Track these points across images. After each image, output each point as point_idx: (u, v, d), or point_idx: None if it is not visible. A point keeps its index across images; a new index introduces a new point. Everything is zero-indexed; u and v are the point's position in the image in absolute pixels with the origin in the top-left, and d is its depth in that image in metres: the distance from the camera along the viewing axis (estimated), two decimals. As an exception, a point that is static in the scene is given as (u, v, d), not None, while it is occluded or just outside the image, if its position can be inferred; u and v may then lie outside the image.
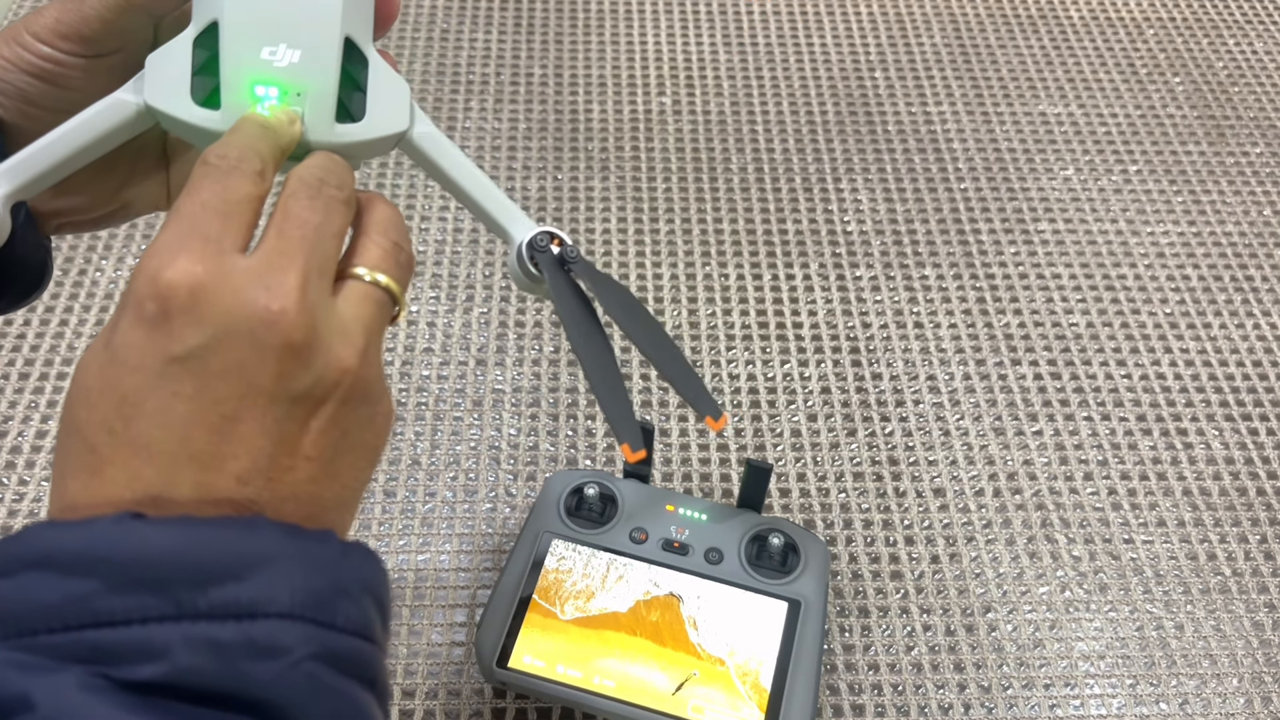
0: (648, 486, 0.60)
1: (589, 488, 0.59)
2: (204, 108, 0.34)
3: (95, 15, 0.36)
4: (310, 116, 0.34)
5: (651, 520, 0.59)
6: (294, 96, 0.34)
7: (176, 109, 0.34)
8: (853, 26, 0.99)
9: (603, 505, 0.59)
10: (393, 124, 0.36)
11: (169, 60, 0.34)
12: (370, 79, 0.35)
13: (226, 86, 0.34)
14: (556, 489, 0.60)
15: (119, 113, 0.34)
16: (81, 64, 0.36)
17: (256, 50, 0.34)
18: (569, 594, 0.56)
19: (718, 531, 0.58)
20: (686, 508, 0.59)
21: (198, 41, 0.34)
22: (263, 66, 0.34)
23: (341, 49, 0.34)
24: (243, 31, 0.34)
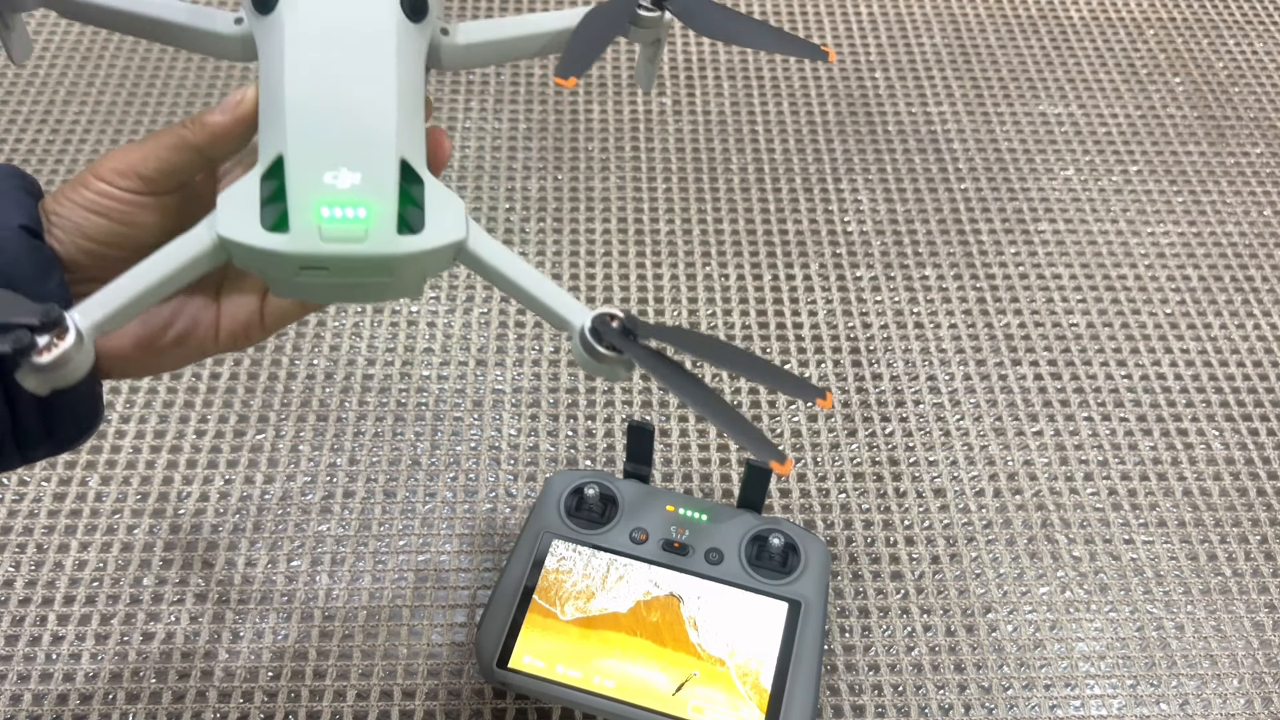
0: (648, 487, 0.60)
1: (589, 488, 0.59)
2: (274, 232, 0.36)
3: (153, 155, 0.38)
4: (374, 230, 0.36)
5: (652, 520, 0.59)
6: (356, 213, 0.36)
7: (248, 237, 0.36)
8: (853, 26, 0.99)
9: (603, 505, 0.59)
10: (451, 234, 0.37)
11: (239, 194, 0.37)
12: (427, 196, 0.37)
13: (294, 209, 0.36)
14: (557, 489, 0.60)
15: (195, 247, 0.36)
16: (139, 201, 0.39)
17: (320, 175, 0.36)
18: (569, 594, 0.56)
19: (718, 532, 0.58)
20: (687, 508, 0.59)
21: (265, 176, 0.37)
22: (326, 190, 0.36)
23: (398, 168, 0.37)
24: (306, 159, 0.36)
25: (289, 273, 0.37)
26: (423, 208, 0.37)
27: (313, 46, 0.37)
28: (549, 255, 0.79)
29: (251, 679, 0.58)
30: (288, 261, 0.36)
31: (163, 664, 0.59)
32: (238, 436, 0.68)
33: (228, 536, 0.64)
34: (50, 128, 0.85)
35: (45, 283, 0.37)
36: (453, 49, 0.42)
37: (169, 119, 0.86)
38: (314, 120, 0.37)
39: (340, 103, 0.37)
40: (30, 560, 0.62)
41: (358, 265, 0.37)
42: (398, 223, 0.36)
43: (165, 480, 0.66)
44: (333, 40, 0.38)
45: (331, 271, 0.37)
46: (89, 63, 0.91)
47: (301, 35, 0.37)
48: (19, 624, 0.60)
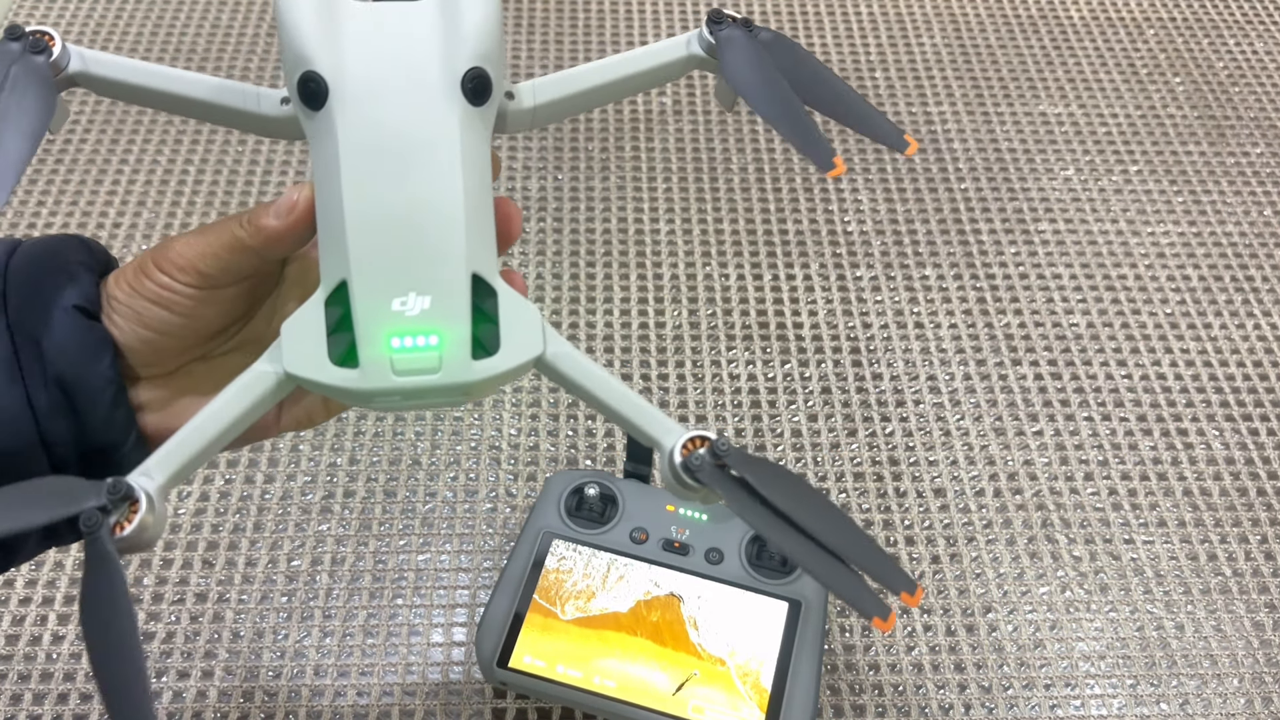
0: (648, 487, 0.60)
1: (589, 487, 0.59)
2: (342, 367, 0.34)
3: (212, 253, 0.37)
4: (448, 358, 0.34)
5: (652, 520, 0.59)
6: (428, 342, 0.34)
7: (316, 373, 0.34)
8: (853, 26, 0.99)
9: (603, 505, 0.59)
10: (528, 351, 0.35)
11: (303, 325, 0.34)
12: (501, 310, 0.35)
13: (363, 342, 0.34)
14: (557, 489, 0.60)
15: (261, 385, 0.35)
16: (195, 294, 0.38)
17: (387, 303, 0.34)
18: (569, 594, 0.56)
19: (718, 531, 0.58)
20: (687, 508, 0.59)
21: (329, 301, 0.35)
22: (395, 319, 0.34)
23: (470, 287, 0.34)
24: (371, 287, 0.34)
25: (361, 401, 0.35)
26: (497, 323, 0.35)
27: (369, 152, 0.34)
28: (549, 255, 0.79)
29: (251, 679, 0.58)
30: (360, 396, 0.34)
31: (163, 664, 0.59)
32: (238, 436, 0.68)
33: (228, 536, 0.64)
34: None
35: (96, 364, 0.37)
36: (519, 114, 0.39)
37: (169, 119, 0.86)
38: (377, 240, 0.34)
39: (404, 218, 0.34)
40: (30, 560, 0.62)
41: (434, 394, 0.35)
42: (472, 344, 0.34)
43: (165, 480, 0.66)
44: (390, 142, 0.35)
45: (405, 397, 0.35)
46: (89, 63, 0.91)
47: (356, 139, 0.34)
48: (19, 624, 0.60)
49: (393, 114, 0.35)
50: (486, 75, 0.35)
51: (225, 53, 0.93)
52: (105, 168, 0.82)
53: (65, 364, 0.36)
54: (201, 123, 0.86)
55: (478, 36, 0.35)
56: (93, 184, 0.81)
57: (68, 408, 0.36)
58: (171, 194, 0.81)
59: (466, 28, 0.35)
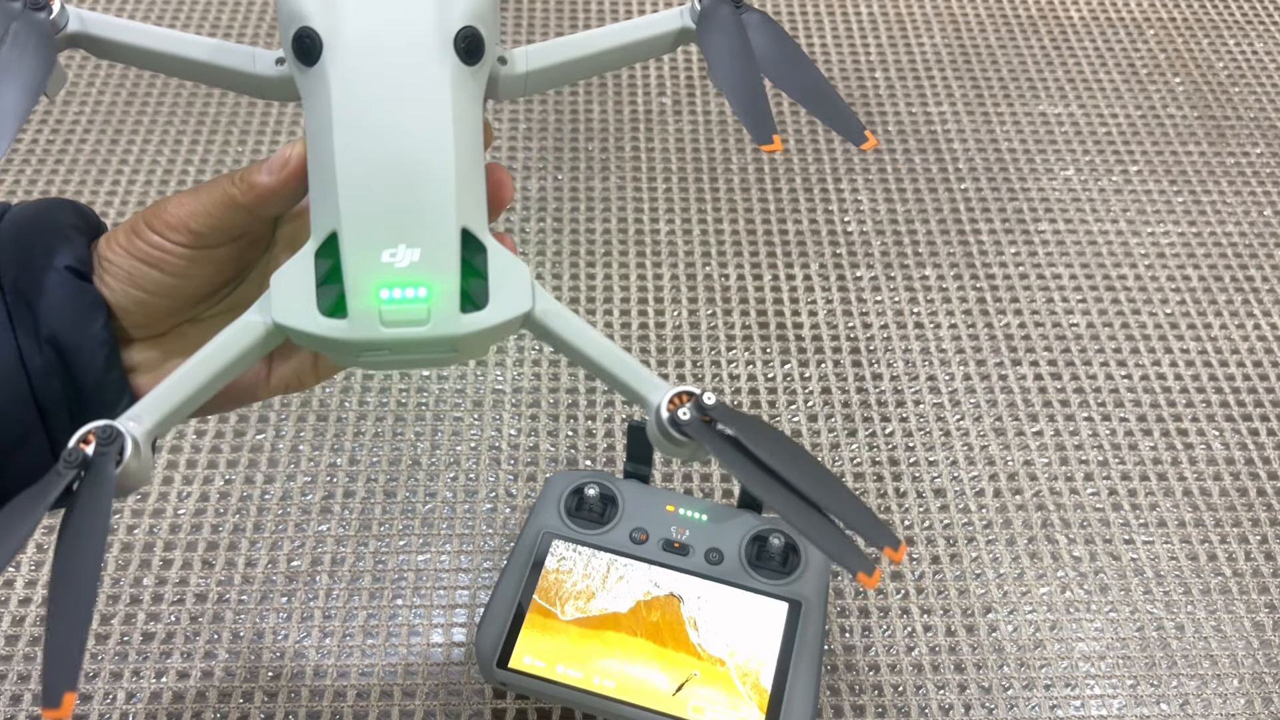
0: (648, 487, 0.60)
1: (589, 488, 0.59)
2: (331, 318, 0.34)
3: (203, 210, 0.37)
4: (436, 311, 0.34)
5: (652, 520, 0.59)
6: (416, 294, 0.34)
7: (304, 323, 0.34)
8: (853, 26, 0.99)
9: (603, 505, 0.59)
10: (516, 306, 0.35)
11: (293, 276, 0.35)
12: (490, 265, 0.35)
13: (351, 293, 0.34)
14: (557, 489, 0.60)
15: (249, 335, 0.35)
16: (187, 254, 0.38)
17: (377, 254, 0.34)
18: (569, 594, 0.56)
19: (718, 532, 0.58)
20: (687, 508, 0.59)
21: (319, 253, 0.35)
22: (385, 270, 0.34)
23: (460, 241, 0.35)
24: (361, 238, 0.34)
25: (349, 353, 0.35)
26: (486, 278, 0.35)
27: (361, 106, 0.35)
28: (549, 255, 0.79)
29: (252, 679, 0.58)
30: (347, 347, 0.35)
31: (163, 664, 0.59)
32: (238, 436, 0.68)
33: (228, 536, 0.64)
34: (50, 128, 0.85)
35: (89, 325, 0.37)
36: (511, 80, 0.39)
37: (168, 119, 0.86)
38: (368, 193, 0.34)
39: (395, 171, 0.35)
40: (30, 560, 0.62)
41: (422, 347, 0.35)
42: (461, 299, 0.35)
43: (165, 480, 0.66)
44: (382, 97, 0.35)
45: (393, 350, 0.35)
46: (89, 62, 0.91)
47: (349, 95, 0.35)
48: (19, 624, 0.60)
49: (385, 70, 0.35)
50: (479, 34, 0.36)
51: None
52: (105, 167, 0.82)
53: (59, 323, 0.36)
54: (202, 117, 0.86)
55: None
56: (93, 183, 0.81)
57: (61, 368, 0.36)
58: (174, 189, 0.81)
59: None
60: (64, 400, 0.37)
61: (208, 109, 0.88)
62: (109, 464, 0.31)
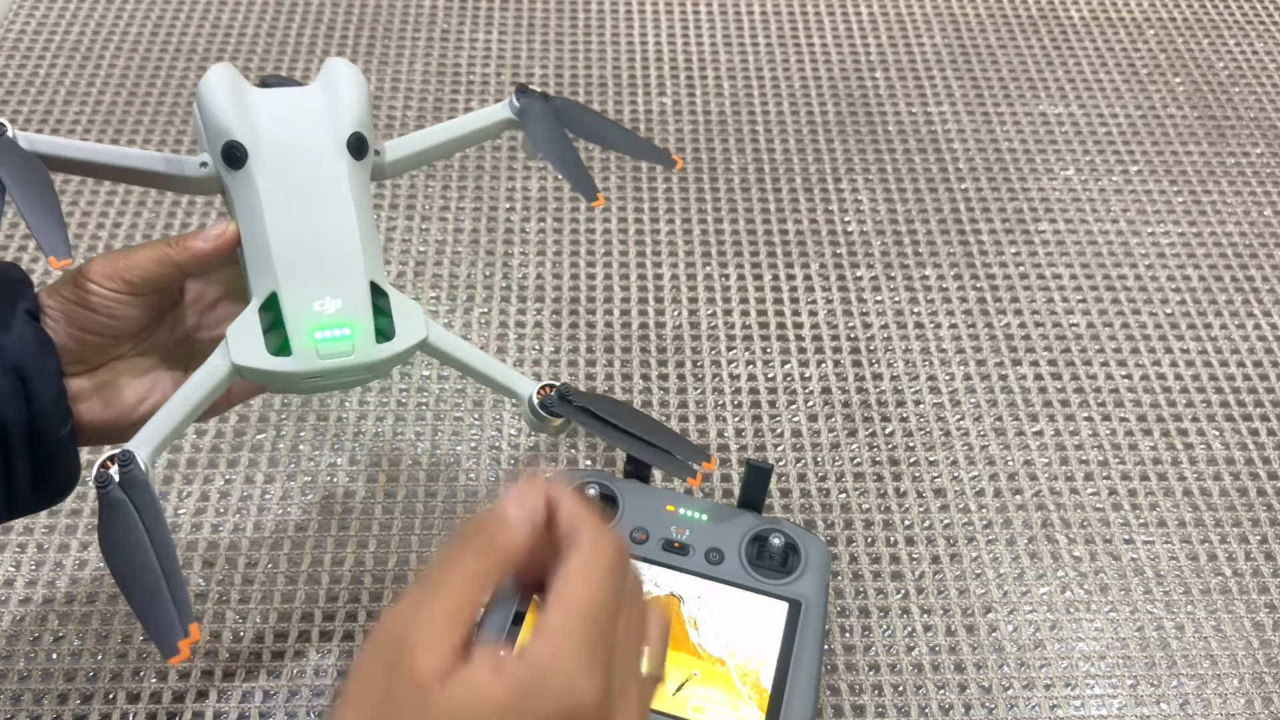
0: (648, 487, 0.60)
1: (589, 488, 0.59)
2: (278, 356, 0.45)
3: (139, 265, 0.46)
4: (359, 344, 0.46)
5: (652, 520, 0.59)
6: (343, 333, 0.46)
7: (258, 362, 0.45)
8: (853, 26, 0.99)
9: (603, 505, 0.59)
10: (416, 334, 0.48)
11: (244, 327, 0.46)
12: (393, 306, 0.47)
13: (293, 335, 0.45)
14: None
15: (215, 375, 0.46)
16: (119, 298, 0.46)
17: (309, 305, 0.45)
18: None
19: (718, 531, 0.58)
20: (687, 508, 0.59)
21: (262, 309, 0.46)
22: (316, 316, 0.46)
23: (369, 290, 0.46)
24: (297, 294, 0.46)
25: (292, 382, 0.46)
26: (391, 316, 0.47)
27: (284, 198, 0.46)
28: (549, 255, 0.79)
29: (252, 679, 0.58)
30: (293, 379, 0.46)
31: (163, 664, 0.59)
32: (238, 436, 0.68)
33: (228, 536, 0.64)
34: (50, 128, 0.85)
35: (44, 359, 0.45)
36: (384, 166, 0.51)
37: (169, 119, 0.86)
38: (297, 261, 0.45)
39: (315, 244, 0.46)
40: (30, 560, 0.62)
41: (349, 373, 0.46)
42: (375, 334, 0.46)
43: (165, 480, 0.66)
44: (299, 190, 0.46)
45: (326, 377, 0.46)
46: (89, 63, 0.91)
47: (273, 190, 0.46)
48: (19, 624, 0.60)
49: (299, 168, 0.46)
50: (364, 137, 0.47)
51: (225, 52, 0.93)
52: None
53: (22, 355, 0.44)
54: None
55: (355, 110, 0.47)
56: (93, 184, 0.81)
57: (21, 394, 0.44)
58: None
59: (345, 104, 0.47)
60: (22, 424, 0.44)
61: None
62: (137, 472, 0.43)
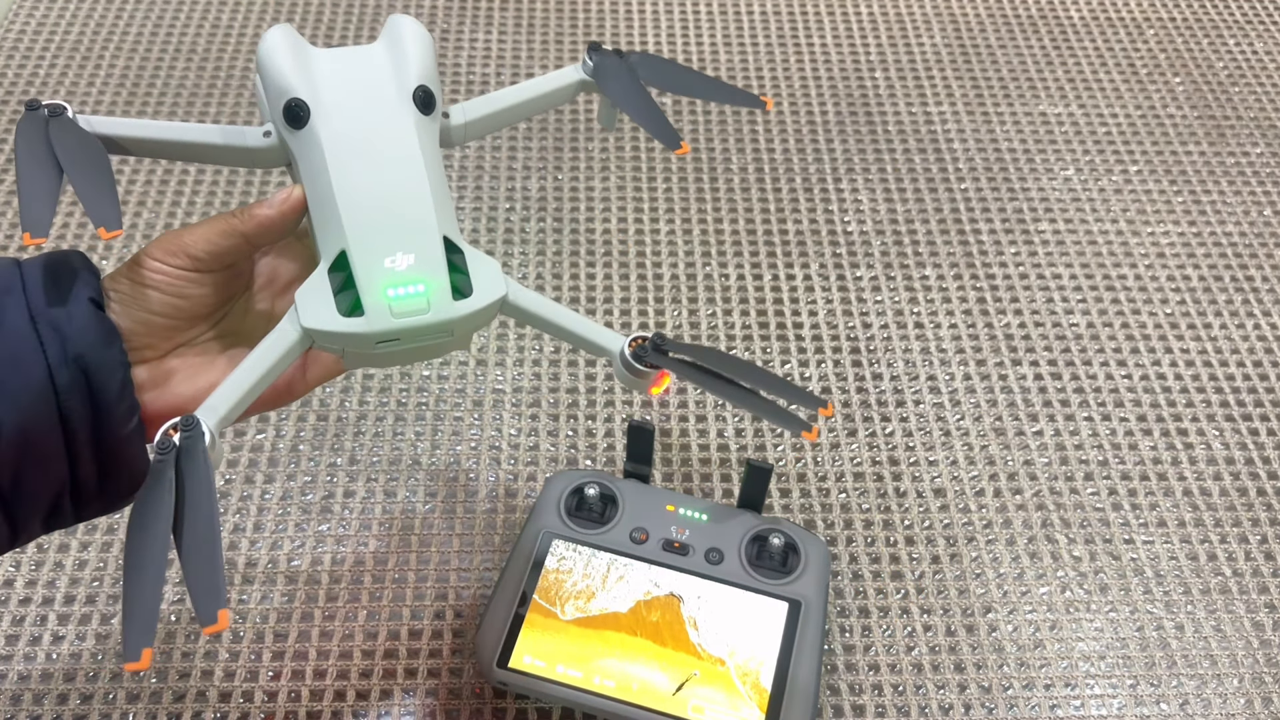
0: (648, 487, 0.60)
1: (589, 488, 0.59)
2: (350, 317, 0.42)
3: (203, 238, 0.44)
4: (434, 300, 0.43)
5: (652, 520, 0.59)
6: (417, 289, 0.42)
7: (329, 324, 0.42)
8: (853, 26, 0.99)
9: (603, 505, 0.59)
10: (495, 291, 0.44)
11: (313, 290, 0.43)
12: (469, 263, 0.44)
13: (365, 292, 0.42)
14: (557, 489, 0.60)
15: (284, 341, 0.43)
16: (188, 276, 0.44)
17: (380, 261, 0.42)
18: (569, 594, 0.56)
19: (718, 531, 0.58)
20: (687, 508, 0.59)
21: (331, 269, 0.43)
22: (388, 273, 0.42)
23: (443, 245, 0.43)
24: (366, 251, 0.42)
25: (366, 346, 0.43)
26: (468, 273, 0.44)
27: (350, 153, 0.43)
28: (549, 255, 0.79)
29: (251, 679, 0.58)
30: (367, 339, 0.42)
31: (163, 664, 0.59)
32: (238, 436, 0.68)
33: (228, 536, 0.64)
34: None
35: (109, 349, 0.42)
36: (453, 129, 0.48)
37: (169, 119, 0.86)
38: (366, 217, 0.42)
39: (384, 199, 0.43)
40: (30, 560, 0.62)
41: (425, 332, 0.43)
42: (451, 291, 0.43)
43: (165, 480, 0.66)
44: (365, 145, 0.43)
45: (402, 340, 0.43)
46: (89, 63, 0.91)
47: (338, 145, 0.43)
48: (19, 624, 0.60)
49: (363, 123, 0.44)
50: (431, 91, 0.45)
51: (225, 53, 0.93)
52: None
53: (85, 345, 0.41)
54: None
55: (420, 64, 0.45)
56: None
57: (84, 386, 0.41)
58: (171, 194, 0.81)
59: (410, 58, 0.45)
60: (86, 419, 0.41)
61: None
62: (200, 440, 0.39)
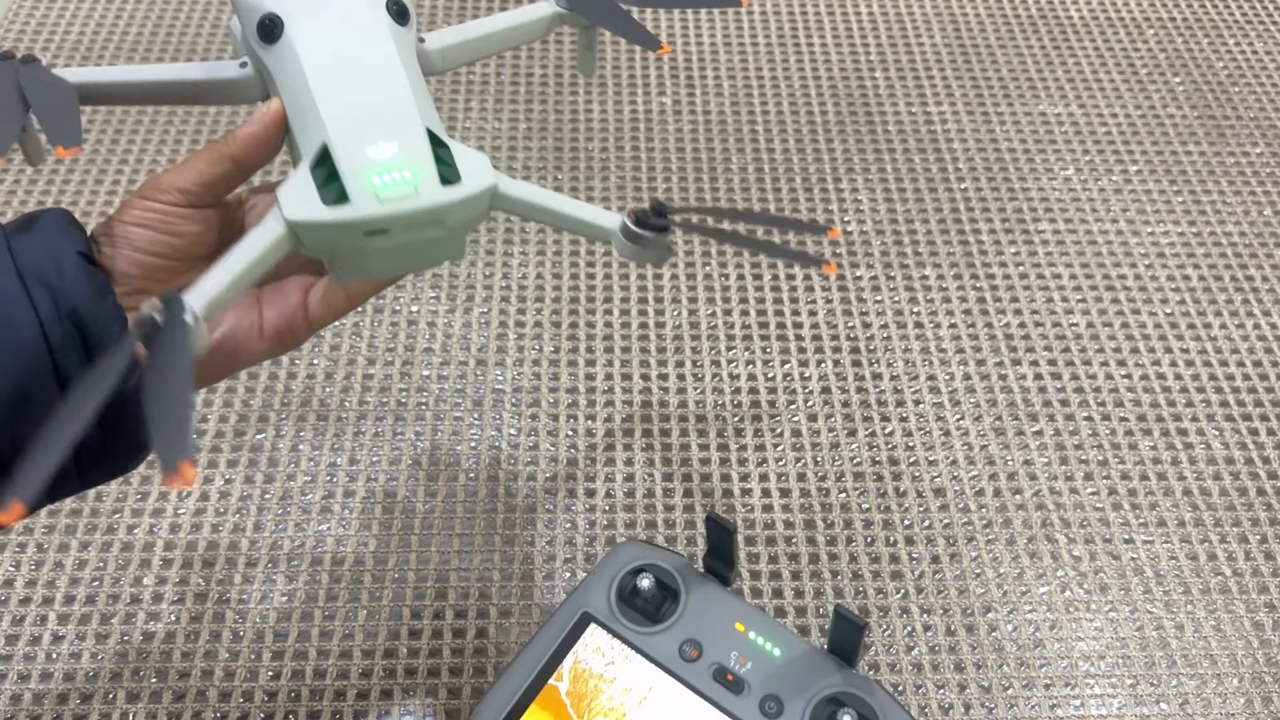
0: (724, 591, 0.50)
1: (647, 575, 0.49)
2: (335, 205, 0.40)
3: (192, 170, 0.43)
4: (422, 186, 0.41)
5: (713, 635, 0.48)
6: (403, 175, 0.41)
7: (315, 214, 0.40)
8: (853, 26, 0.99)
9: (661, 598, 0.49)
10: (486, 179, 0.43)
11: (296, 185, 0.41)
12: (456, 155, 0.43)
13: (349, 181, 0.40)
14: (617, 564, 0.50)
15: (268, 235, 0.41)
16: (180, 212, 0.43)
17: (364, 149, 0.41)
18: (593, 704, 0.47)
19: (787, 676, 0.47)
20: (759, 633, 0.48)
21: (314, 165, 0.41)
22: (373, 160, 0.41)
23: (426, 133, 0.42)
24: (349, 139, 0.41)
25: (354, 240, 0.41)
26: (454, 165, 0.42)
27: (327, 59, 0.42)
28: (549, 255, 0.79)
29: (251, 679, 0.58)
30: (354, 228, 0.40)
31: (163, 664, 0.59)
32: (238, 436, 0.68)
33: (228, 536, 0.64)
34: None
35: (102, 302, 0.40)
36: (428, 54, 0.48)
37: (169, 118, 0.86)
38: (345, 109, 0.41)
39: (363, 92, 0.42)
40: (30, 560, 0.62)
41: (415, 220, 0.41)
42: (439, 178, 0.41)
43: (165, 480, 0.66)
44: (342, 50, 0.42)
45: (392, 233, 0.41)
46: (89, 63, 0.91)
47: (314, 53, 0.42)
48: (19, 624, 0.60)
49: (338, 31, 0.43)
50: (405, 3, 0.44)
51: (225, 53, 0.93)
52: (105, 167, 0.83)
53: (78, 299, 0.40)
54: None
55: None
56: (93, 184, 0.81)
57: (79, 341, 0.40)
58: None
59: None
60: None
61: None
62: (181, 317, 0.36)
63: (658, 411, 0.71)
